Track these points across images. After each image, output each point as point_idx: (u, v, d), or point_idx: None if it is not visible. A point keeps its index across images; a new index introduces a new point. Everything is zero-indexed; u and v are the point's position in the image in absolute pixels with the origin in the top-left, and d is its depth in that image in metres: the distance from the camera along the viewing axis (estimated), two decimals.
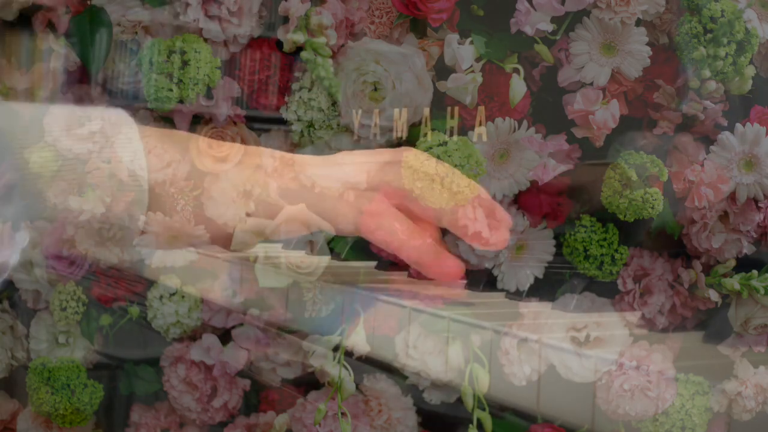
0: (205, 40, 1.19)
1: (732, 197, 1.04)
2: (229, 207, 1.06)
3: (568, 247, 1.07)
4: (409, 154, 1.02)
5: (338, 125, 1.20)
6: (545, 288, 1.09)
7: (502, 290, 1.10)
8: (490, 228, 0.99)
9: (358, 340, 1.08)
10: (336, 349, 1.09)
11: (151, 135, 1.08)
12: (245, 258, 1.17)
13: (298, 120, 1.20)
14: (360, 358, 1.10)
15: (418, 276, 1.14)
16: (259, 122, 1.24)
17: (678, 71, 1.06)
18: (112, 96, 1.24)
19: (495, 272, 1.11)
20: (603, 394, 0.95)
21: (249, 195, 1.07)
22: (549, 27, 1.06)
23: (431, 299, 1.08)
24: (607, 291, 1.06)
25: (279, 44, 1.23)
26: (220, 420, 1.26)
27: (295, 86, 1.21)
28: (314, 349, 1.16)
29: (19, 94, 1.32)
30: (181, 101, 1.18)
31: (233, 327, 1.25)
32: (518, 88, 1.08)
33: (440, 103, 1.12)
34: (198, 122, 1.22)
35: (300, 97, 1.20)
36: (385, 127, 1.16)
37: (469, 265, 1.13)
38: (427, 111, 1.12)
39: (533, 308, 1.05)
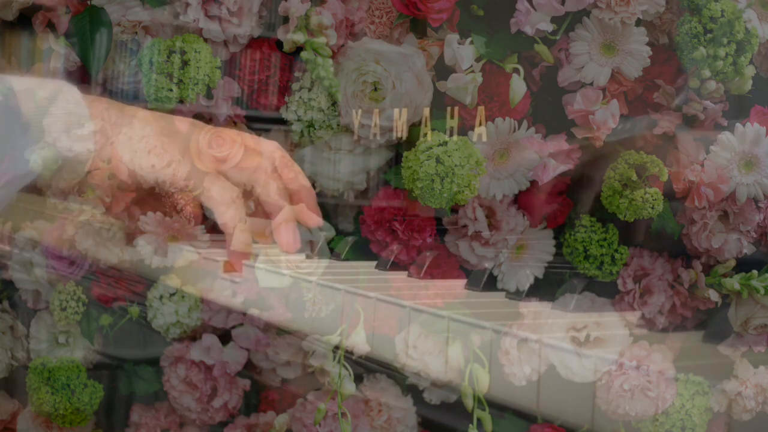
0: (205, 40, 1.20)
1: (732, 197, 1.04)
2: (229, 207, 1.06)
3: (568, 247, 1.07)
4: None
5: (338, 125, 1.20)
6: (545, 288, 1.09)
7: (502, 290, 1.10)
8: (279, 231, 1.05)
9: (358, 340, 1.08)
10: (336, 349, 1.09)
11: (151, 134, 1.08)
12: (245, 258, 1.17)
13: (298, 120, 1.20)
14: (360, 358, 1.10)
15: (418, 276, 1.14)
16: (259, 122, 1.24)
17: (678, 71, 1.06)
18: (112, 96, 1.25)
19: (495, 272, 1.11)
20: (603, 394, 0.95)
21: (249, 195, 1.07)
22: (549, 27, 1.06)
23: (431, 299, 1.08)
24: (607, 291, 1.06)
25: (279, 44, 1.23)
26: (220, 420, 1.26)
27: (295, 86, 1.21)
28: (314, 349, 1.16)
29: None
30: (181, 101, 1.18)
31: (233, 327, 1.25)
32: (518, 88, 1.08)
33: (440, 103, 1.12)
34: None
35: (300, 97, 1.20)
36: (385, 127, 1.16)
37: (469, 265, 1.13)
38: (427, 111, 1.12)
39: (533, 308, 1.05)
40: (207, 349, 1.24)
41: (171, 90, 1.17)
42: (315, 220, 1.08)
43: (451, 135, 1.08)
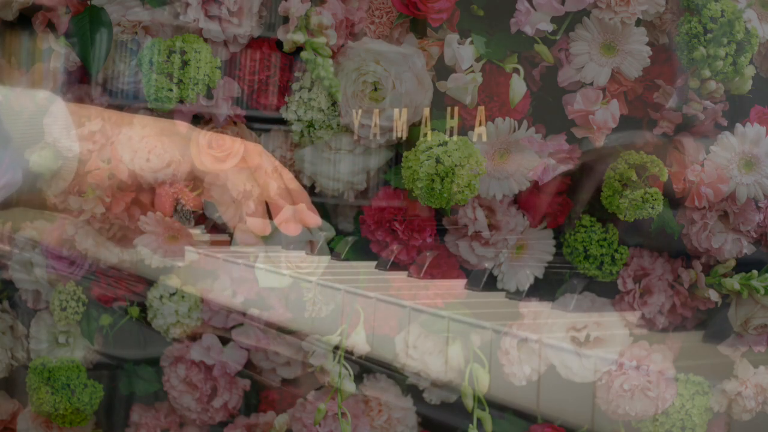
0: (205, 40, 1.20)
1: (732, 197, 1.04)
2: (229, 207, 1.06)
3: (568, 247, 1.07)
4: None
5: (338, 125, 1.20)
6: (545, 288, 1.09)
7: (502, 290, 1.10)
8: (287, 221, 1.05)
9: (358, 340, 1.08)
10: (336, 349, 1.09)
11: (150, 135, 1.08)
12: (245, 258, 1.17)
13: (298, 120, 1.20)
14: (360, 358, 1.10)
15: (418, 276, 1.14)
16: (259, 122, 1.24)
17: (678, 71, 1.06)
18: (112, 96, 1.25)
19: (495, 272, 1.11)
20: (603, 394, 0.95)
21: (249, 195, 1.07)
22: (549, 27, 1.06)
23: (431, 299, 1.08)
24: (607, 291, 1.06)
25: (279, 44, 1.23)
26: (220, 420, 1.26)
27: (295, 86, 1.21)
28: (314, 349, 1.16)
29: None
30: (181, 101, 1.18)
31: (233, 327, 1.25)
32: (518, 88, 1.08)
33: (440, 103, 1.12)
34: (198, 122, 1.22)
35: (300, 97, 1.20)
36: (385, 127, 1.16)
37: (469, 265, 1.13)
38: (427, 111, 1.12)
39: (533, 308, 1.05)
40: (207, 349, 1.24)
41: (171, 90, 1.17)
42: (315, 219, 1.08)
43: (451, 135, 1.08)
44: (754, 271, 1.04)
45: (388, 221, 1.17)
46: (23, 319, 1.34)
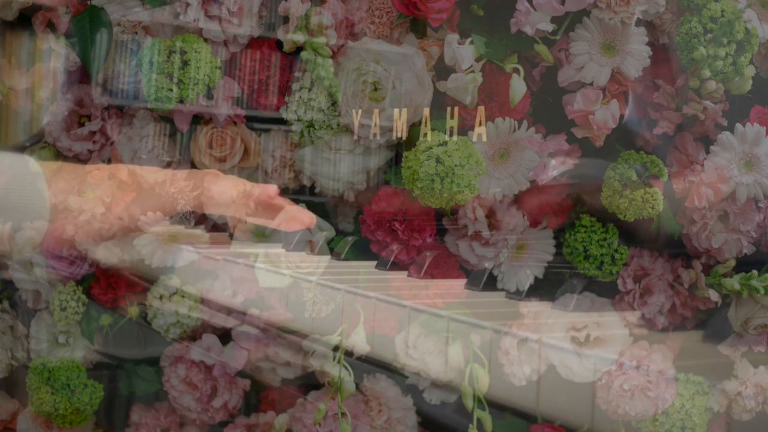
0: (205, 40, 1.20)
1: (732, 197, 1.04)
2: (229, 207, 1.06)
3: (568, 247, 1.07)
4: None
5: (338, 125, 1.20)
6: (545, 288, 1.09)
7: (502, 290, 1.10)
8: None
9: (358, 340, 1.08)
10: (336, 349, 1.09)
11: (150, 134, 1.08)
12: (245, 258, 1.17)
13: (298, 120, 1.21)
14: (360, 358, 1.10)
15: (418, 276, 1.14)
16: (259, 122, 1.24)
17: (678, 71, 1.06)
18: (112, 96, 1.25)
19: (495, 272, 1.11)
20: (603, 394, 0.95)
21: (249, 195, 1.07)
22: (549, 27, 1.06)
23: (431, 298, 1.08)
24: (607, 291, 1.06)
25: (279, 44, 1.23)
26: (220, 420, 1.26)
27: (295, 86, 1.21)
28: (314, 349, 1.16)
29: (19, 94, 1.32)
30: (181, 101, 1.18)
31: (233, 327, 1.25)
32: (518, 88, 1.08)
33: (440, 103, 1.12)
34: (198, 122, 1.22)
35: (300, 97, 1.20)
36: (385, 127, 1.16)
37: (469, 265, 1.13)
38: (427, 111, 1.12)
39: (533, 308, 1.05)
40: (207, 349, 1.25)
41: (171, 90, 1.17)
42: (308, 218, 1.08)
43: (451, 135, 1.08)
44: (754, 271, 1.04)
45: (388, 221, 1.17)
46: (23, 319, 1.34)
